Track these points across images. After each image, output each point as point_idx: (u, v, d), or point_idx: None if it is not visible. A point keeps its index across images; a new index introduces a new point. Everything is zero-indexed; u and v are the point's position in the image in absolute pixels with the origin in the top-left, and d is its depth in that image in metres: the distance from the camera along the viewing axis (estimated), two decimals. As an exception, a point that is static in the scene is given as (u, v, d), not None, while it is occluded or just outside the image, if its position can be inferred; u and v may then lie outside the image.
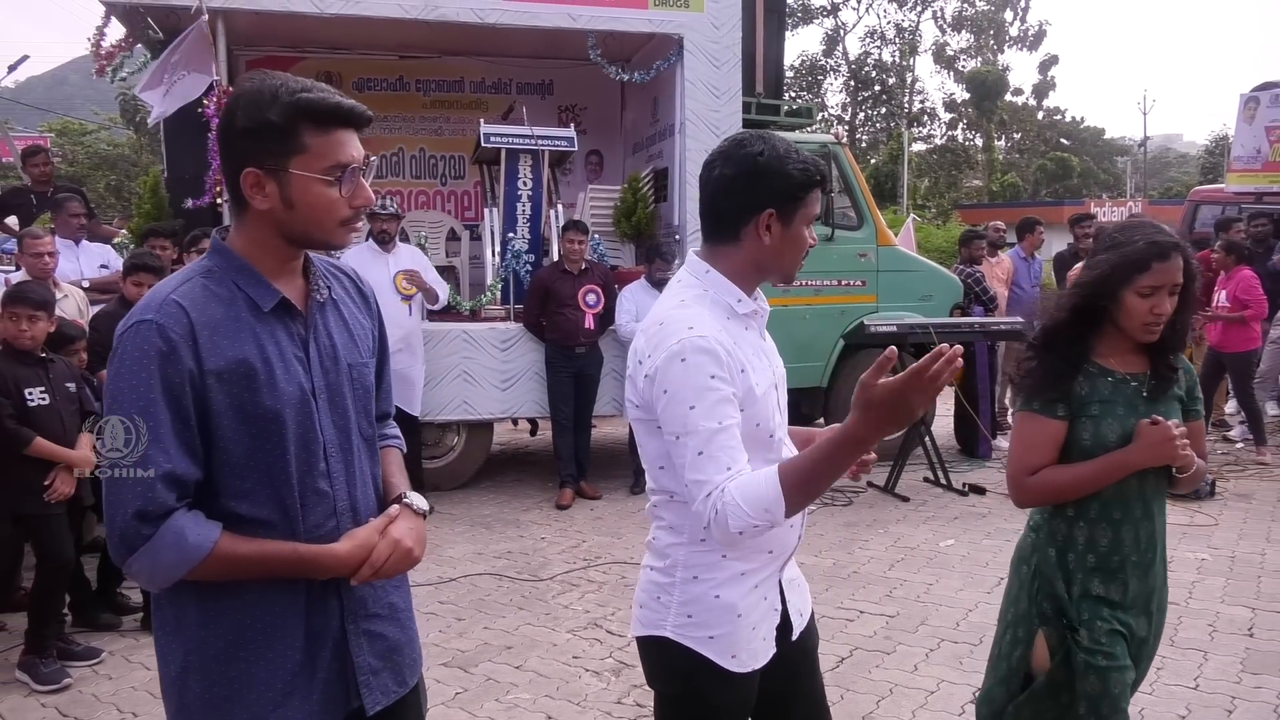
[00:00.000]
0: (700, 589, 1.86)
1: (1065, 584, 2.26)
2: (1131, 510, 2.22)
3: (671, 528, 1.89)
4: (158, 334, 1.51)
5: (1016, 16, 39.60)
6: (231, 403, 1.55)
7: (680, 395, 1.73)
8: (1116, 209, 26.53)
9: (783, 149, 1.81)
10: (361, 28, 7.16)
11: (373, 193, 1.70)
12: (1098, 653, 2.18)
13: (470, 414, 6.93)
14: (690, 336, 1.75)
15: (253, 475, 1.58)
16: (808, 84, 40.22)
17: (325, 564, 1.61)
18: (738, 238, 1.86)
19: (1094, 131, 49.64)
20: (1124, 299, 2.18)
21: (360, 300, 1.83)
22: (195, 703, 1.61)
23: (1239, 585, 4.96)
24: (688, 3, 7.12)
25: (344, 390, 1.70)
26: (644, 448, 1.90)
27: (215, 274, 1.61)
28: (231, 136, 1.59)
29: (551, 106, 9.13)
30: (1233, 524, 6.01)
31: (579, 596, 5.04)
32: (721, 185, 1.84)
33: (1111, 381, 2.24)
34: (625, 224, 7.85)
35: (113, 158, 35.33)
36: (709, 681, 1.87)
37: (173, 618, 1.63)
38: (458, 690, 3.90)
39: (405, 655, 1.79)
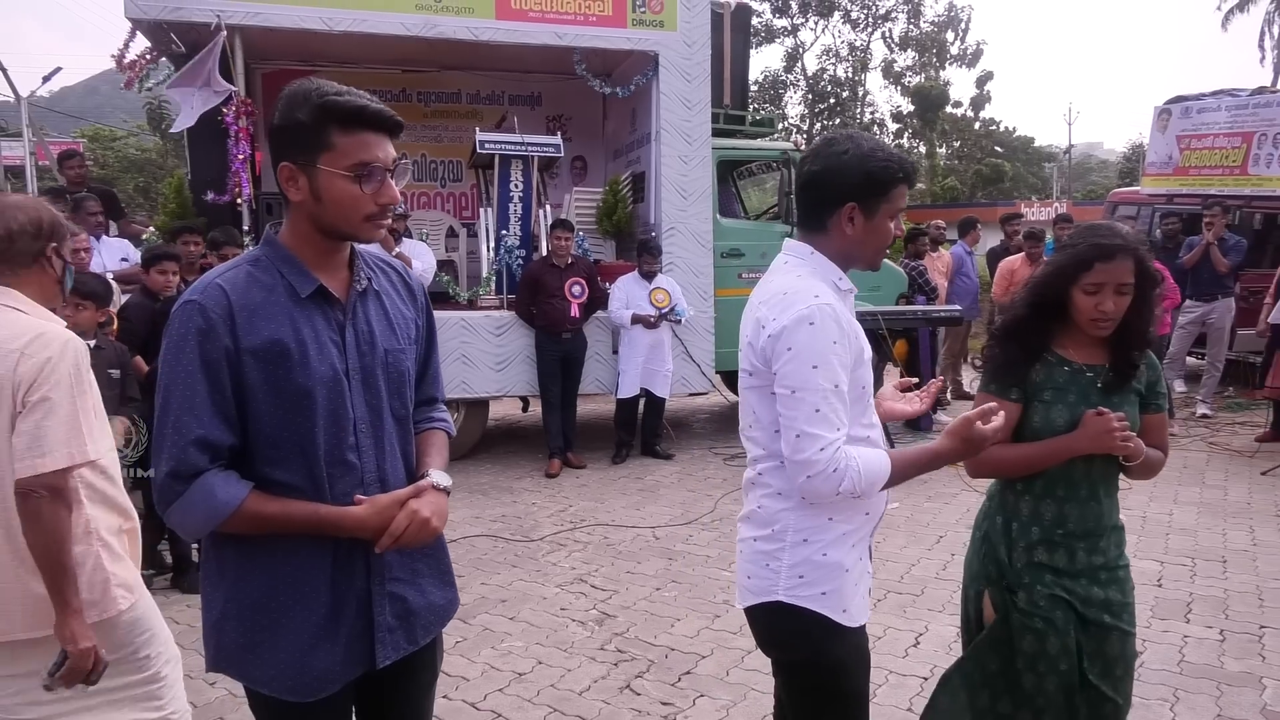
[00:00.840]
0: (809, 550, 1.82)
1: (1008, 551, 2.22)
2: (1076, 490, 2.18)
3: (780, 493, 1.85)
4: (199, 313, 1.54)
5: (957, 37, 39.54)
6: (266, 379, 1.56)
7: (805, 354, 1.72)
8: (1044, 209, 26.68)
9: (867, 147, 1.81)
10: (367, 44, 7.09)
11: (399, 193, 1.68)
12: (1034, 615, 2.15)
13: (468, 393, 6.91)
14: (817, 304, 1.75)
15: (285, 445, 1.59)
16: (770, 97, 40.09)
17: (344, 524, 1.61)
18: (825, 228, 1.85)
19: (1024, 140, 49.77)
20: (1073, 295, 2.13)
21: (406, 292, 1.82)
22: (231, 645, 1.62)
23: (1150, 542, 5.03)
24: (662, 23, 7.10)
25: (377, 373, 1.69)
26: (757, 415, 1.86)
27: (262, 262, 1.63)
28: (273, 133, 1.61)
29: (540, 116, 9.09)
30: (1144, 488, 6.07)
31: (566, 555, 5.05)
32: (809, 180, 1.85)
33: (1068, 371, 2.18)
34: (607, 222, 7.85)
35: (141, 161, 34.85)
36: (825, 636, 1.84)
37: (215, 568, 1.65)
38: (458, 640, 3.90)
39: (421, 618, 1.77)
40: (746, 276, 7.64)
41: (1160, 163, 11.09)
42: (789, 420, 1.74)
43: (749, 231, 7.97)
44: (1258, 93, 10.50)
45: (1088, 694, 2.15)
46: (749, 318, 1.88)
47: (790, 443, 1.74)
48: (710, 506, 5.91)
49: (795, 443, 1.73)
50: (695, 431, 8.47)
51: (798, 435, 1.72)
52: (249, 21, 6.29)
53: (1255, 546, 4.91)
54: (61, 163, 7.70)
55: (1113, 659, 2.15)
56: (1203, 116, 10.59)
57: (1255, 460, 6.72)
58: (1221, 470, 6.52)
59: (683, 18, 7.14)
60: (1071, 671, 2.14)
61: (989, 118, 44.41)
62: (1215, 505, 5.68)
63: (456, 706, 3.33)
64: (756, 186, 9.63)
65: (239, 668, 1.64)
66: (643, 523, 5.61)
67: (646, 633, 3.97)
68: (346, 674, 1.67)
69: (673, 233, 7.29)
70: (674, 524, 5.57)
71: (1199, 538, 5.07)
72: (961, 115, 42.33)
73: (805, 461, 1.71)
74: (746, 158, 8.46)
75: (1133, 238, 2.12)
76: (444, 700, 3.37)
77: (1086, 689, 2.15)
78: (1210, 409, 8.38)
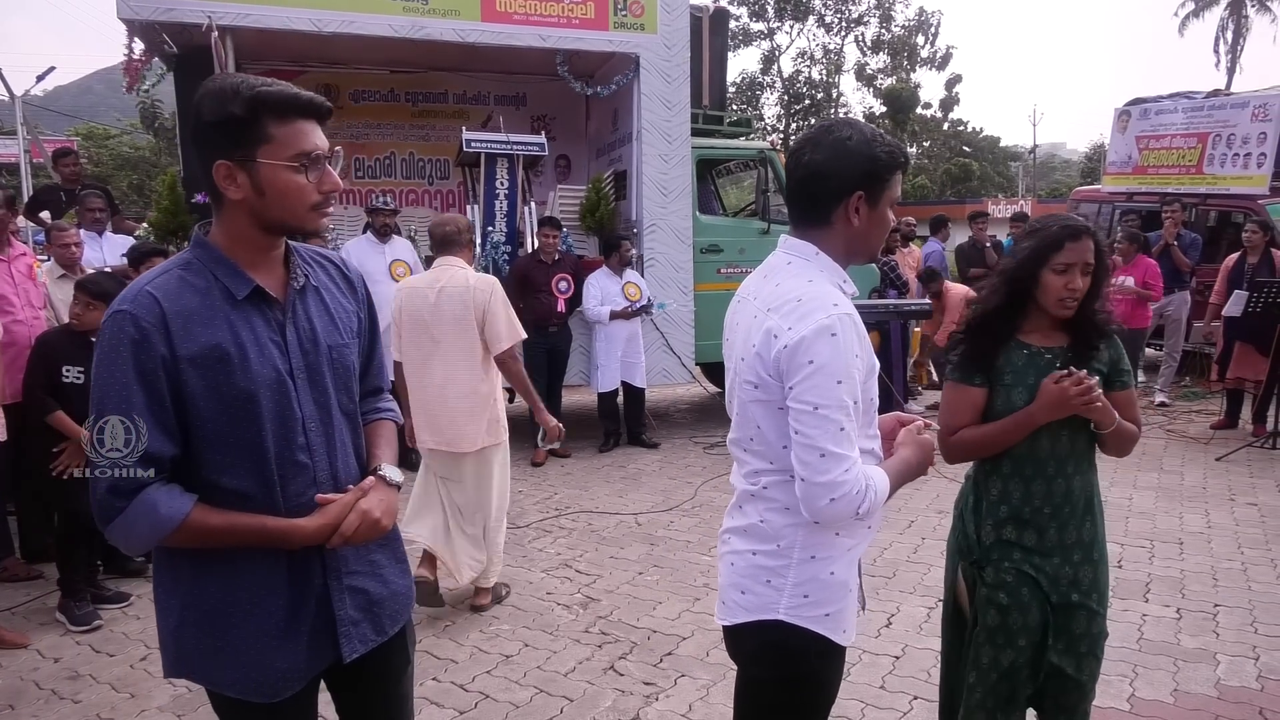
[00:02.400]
0: (816, 568, 1.67)
1: (977, 528, 2.24)
2: (1043, 468, 2.17)
3: (788, 508, 1.67)
4: (130, 323, 1.44)
5: (927, 41, 39.65)
6: (207, 385, 1.48)
7: (829, 369, 1.55)
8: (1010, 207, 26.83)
9: (869, 133, 1.67)
10: (356, 45, 7.03)
11: (340, 180, 1.60)
12: (999, 590, 2.16)
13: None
14: (838, 313, 1.58)
15: (231, 451, 1.51)
16: (747, 98, 40.06)
17: (292, 538, 1.55)
18: (829, 221, 1.68)
19: (991, 140, 50.02)
20: (1043, 277, 2.14)
21: (345, 285, 1.74)
22: (192, 652, 1.57)
23: (1110, 524, 4.98)
24: (643, 26, 7.07)
25: (323, 370, 1.62)
26: (762, 429, 1.67)
27: (194, 266, 1.53)
28: (200, 131, 1.50)
29: (525, 116, 9.04)
30: (1105, 473, 6.07)
31: (551, 541, 5.04)
32: (812, 170, 1.66)
33: (1027, 354, 2.20)
34: (590, 219, 7.82)
35: (134, 159, 34.42)
36: (822, 659, 1.71)
37: (169, 576, 1.58)
38: (446, 624, 3.89)
39: (386, 608, 1.72)
40: (725, 272, 7.64)
41: (1120, 162, 11.17)
42: (810, 439, 1.56)
43: (727, 228, 7.97)
44: (1212, 95, 10.60)
45: (1051, 675, 2.15)
46: (754, 325, 1.67)
47: (811, 463, 1.56)
48: (691, 493, 5.91)
49: (819, 463, 1.55)
50: (676, 421, 8.47)
51: (822, 455, 1.55)
52: (239, 22, 6.21)
53: (1210, 529, 4.97)
54: (56, 161, 7.59)
55: (1077, 636, 2.14)
56: (1160, 118, 10.68)
57: (1210, 447, 6.79)
58: (1178, 456, 6.59)
59: (663, 21, 7.12)
60: (1030, 648, 2.14)
61: (957, 119, 44.64)
62: (1172, 490, 5.74)
63: (445, 688, 3.32)
64: (734, 185, 9.64)
65: (201, 673, 1.59)
66: (625, 509, 5.61)
67: (629, 615, 3.97)
68: (310, 670, 1.63)
69: (654, 229, 7.27)
70: (656, 510, 5.57)
71: (1157, 521, 5.13)
72: (931, 116, 42.49)
73: (831, 483, 1.55)
74: (725, 157, 8.46)
75: (1090, 224, 2.19)
76: (433, 682, 3.36)
77: (1050, 670, 2.15)
78: (1168, 398, 8.46)
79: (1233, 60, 39.30)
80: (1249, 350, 7.02)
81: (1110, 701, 3.13)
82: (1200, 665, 3.39)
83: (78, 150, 8.98)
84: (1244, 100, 9.97)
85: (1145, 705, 3.11)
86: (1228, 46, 39.47)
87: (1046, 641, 2.14)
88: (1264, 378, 6.85)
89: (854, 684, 3.27)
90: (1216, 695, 3.17)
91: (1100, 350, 2.19)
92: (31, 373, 3.94)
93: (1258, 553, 4.57)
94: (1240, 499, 5.49)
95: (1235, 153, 9.72)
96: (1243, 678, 3.29)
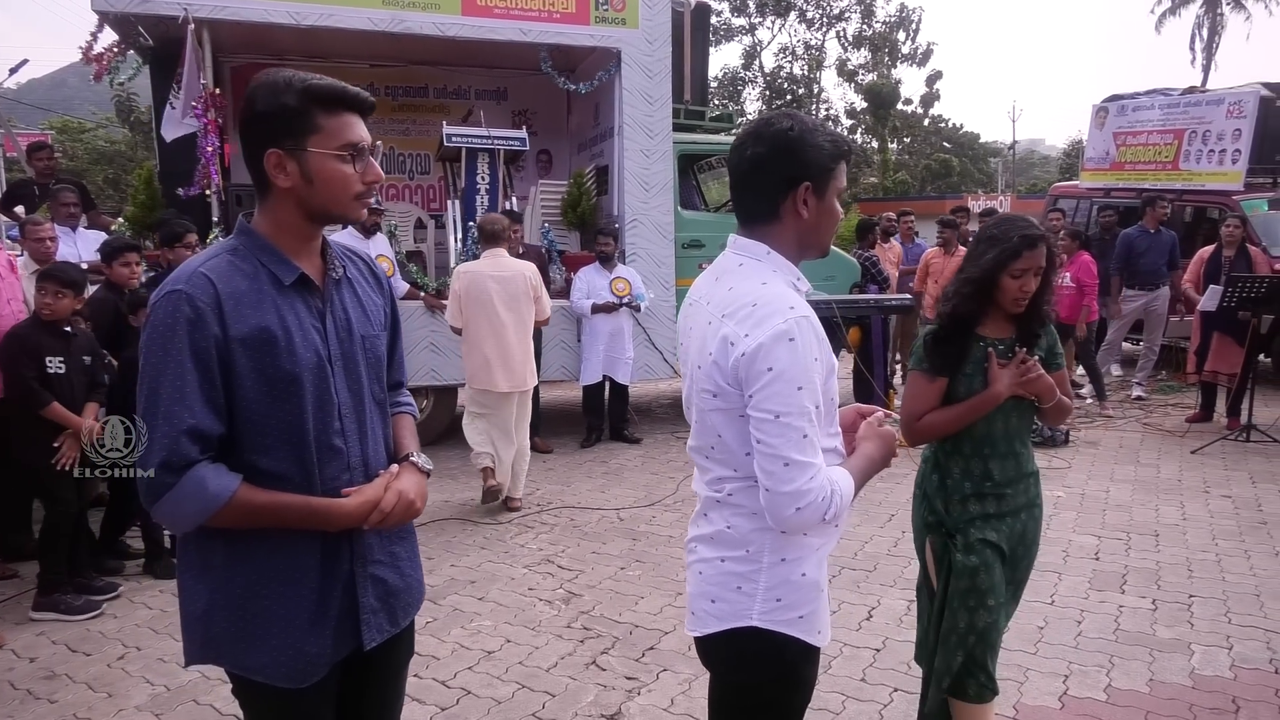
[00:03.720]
0: (787, 570, 1.64)
1: (944, 503, 2.49)
2: (998, 446, 2.45)
3: (754, 513, 1.62)
4: (187, 302, 1.48)
5: (908, 37, 39.83)
6: (254, 366, 1.52)
7: (790, 374, 1.51)
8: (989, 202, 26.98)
9: (810, 123, 1.62)
10: (335, 39, 6.99)
11: (381, 172, 1.67)
12: (971, 554, 2.42)
13: (437, 380, 6.85)
14: (795, 316, 1.53)
15: (273, 432, 1.55)
16: (729, 93, 40.12)
17: (334, 517, 1.58)
18: (778, 215, 1.63)
19: (971, 136, 50.26)
20: (1001, 281, 2.39)
21: (374, 281, 1.81)
22: (221, 636, 1.58)
23: (1087, 517, 5.13)
24: (624, 20, 7.06)
25: (357, 358, 1.67)
26: (723, 437, 1.62)
27: (240, 251, 1.58)
28: (252, 122, 1.56)
29: (506, 111, 9.01)
30: (1083, 467, 6.20)
31: (534, 537, 5.03)
32: (757, 163, 1.61)
33: (981, 346, 2.44)
34: (571, 214, 7.82)
35: (110, 153, 33.96)
36: (799, 661, 1.69)
37: (198, 560, 1.59)
38: (428, 620, 3.87)
39: (401, 600, 1.76)
40: (707, 267, 7.64)
41: (1098, 158, 11.27)
42: (772, 447, 1.52)
43: (709, 223, 7.98)
44: (1188, 92, 10.70)
45: None
46: (709, 332, 1.62)
47: (775, 473, 1.52)
48: (673, 489, 5.92)
49: (783, 472, 1.51)
50: (657, 416, 8.47)
51: (786, 464, 1.51)
52: (216, 15, 6.14)
53: (1185, 521, 5.03)
54: (30, 155, 7.48)
55: (1020, 581, 2.56)
56: (1137, 114, 10.77)
57: (1186, 440, 6.87)
58: (1155, 449, 6.66)
59: (644, 15, 7.11)
60: (998, 607, 2.43)
61: (938, 115, 44.85)
62: (1149, 482, 5.80)
63: (426, 684, 3.31)
64: (716, 180, 9.63)
65: (230, 657, 1.60)
66: (607, 505, 5.61)
67: (611, 610, 3.97)
68: (336, 656, 1.65)
69: (635, 224, 7.27)
70: (638, 506, 5.57)
71: (1133, 513, 5.18)
72: (912, 112, 42.67)
73: (796, 492, 1.51)
74: (706, 152, 8.46)
75: (1044, 228, 2.43)
76: (414, 679, 3.34)
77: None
78: (1145, 391, 8.55)
79: (1208, 57, 39.69)
80: (1225, 344, 7.10)
81: (1087, 692, 3.16)
82: (1175, 655, 3.43)
83: (52, 144, 8.85)
84: (1219, 97, 10.08)
85: (1121, 695, 3.15)
86: (1203, 44, 39.84)
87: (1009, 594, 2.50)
88: (1238, 371, 6.95)
89: (835, 676, 3.29)
90: (1191, 685, 3.21)
91: (1040, 338, 2.49)
92: (16, 365, 3.89)
93: (1231, 544, 4.63)
94: (1215, 491, 5.56)
95: (1211, 149, 9.82)
96: (1216, 667, 3.33)
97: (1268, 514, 5.10)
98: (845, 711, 3.08)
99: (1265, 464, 6.13)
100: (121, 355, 4.42)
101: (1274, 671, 3.30)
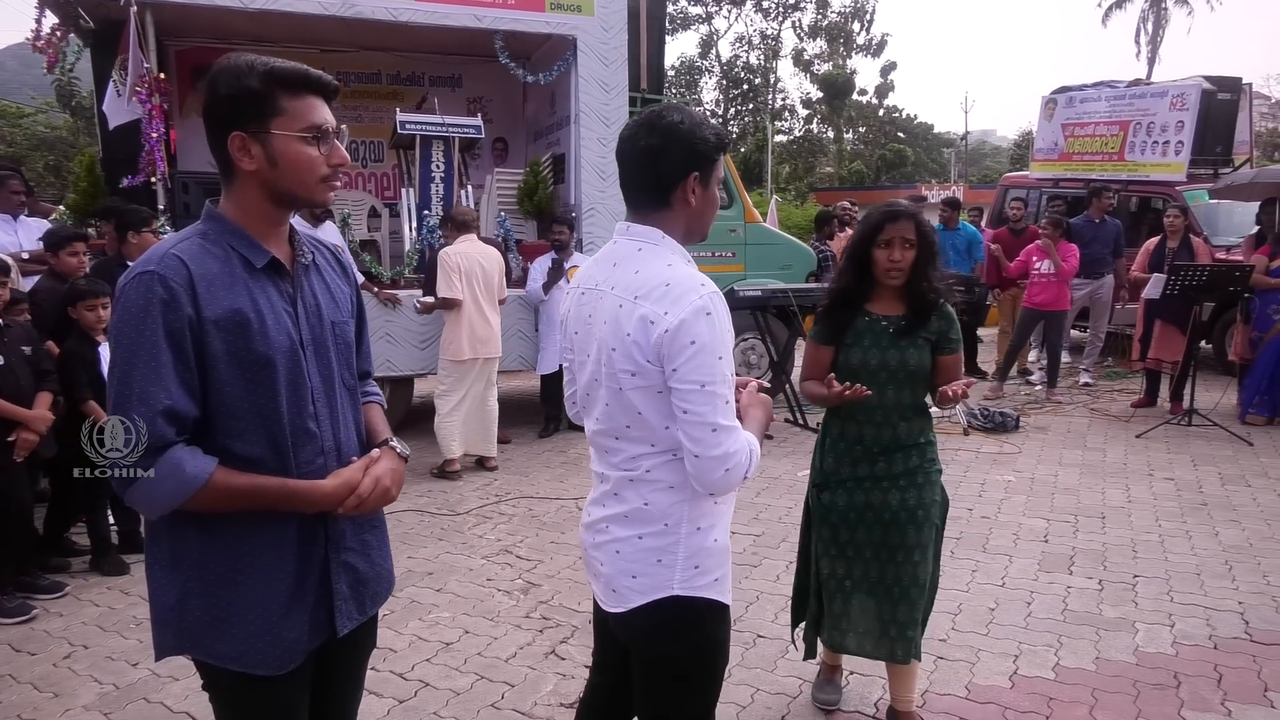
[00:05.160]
0: (702, 538, 1.75)
1: (821, 459, 2.83)
2: (873, 416, 2.69)
3: (672, 487, 1.72)
4: (160, 283, 1.47)
5: (863, 28, 40.14)
6: (228, 349, 1.51)
7: (711, 346, 1.62)
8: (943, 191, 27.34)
9: (698, 116, 1.74)
10: (284, 22, 6.83)
11: (347, 155, 1.66)
12: (832, 510, 2.76)
13: (393, 370, 6.77)
14: (708, 293, 1.65)
15: (247, 416, 1.54)
16: (686, 83, 40.11)
17: (313, 498, 1.58)
18: (668, 203, 1.74)
19: (925, 127, 50.84)
20: (873, 254, 2.65)
21: (339, 269, 1.81)
22: (197, 625, 1.56)
23: (1037, 501, 5.24)
24: (580, 7, 7.01)
25: (328, 343, 1.67)
26: (643, 414, 1.69)
27: (210, 236, 1.57)
28: (216, 106, 1.55)
29: (461, 98, 8.92)
30: (1033, 451, 6.34)
31: (492, 527, 5.01)
32: (649, 154, 1.71)
33: (867, 321, 2.71)
34: (528, 203, 7.75)
35: (50, 139, 32.86)
36: (717, 622, 1.79)
37: (169, 549, 1.56)
38: (385, 612, 3.84)
39: (369, 588, 1.75)
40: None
41: (1047, 149, 11.47)
42: (700, 415, 1.62)
43: (666, 212, 7.98)
44: (1133, 85, 10.94)
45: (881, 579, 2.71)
46: (622, 315, 1.68)
47: (703, 439, 1.63)
48: (631, 477, 5.93)
49: (711, 438, 1.62)
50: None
51: (714, 429, 1.62)
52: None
53: (1130, 503, 5.17)
54: (-35, 140, 7.23)
55: (894, 547, 2.69)
56: (1085, 106, 10.99)
57: (1131, 424, 7.06)
58: (1101, 434, 6.84)
59: (600, 3, 7.05)
60: (860, 562, 2.72)
61: (892, 105, 45.30)
62: (1096, 466, 5.95)
63: (384, 677, 3.29)
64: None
65: (204, 647, 1.57)
66: (566, 494, 5.61)
67: (570, 600, 3.98)
68: (312, 643, 1.65)
69: (592, 213, 7.24)
70: (596, 495, 5.57)
71: (1081, 496, 5.31)
72: (867, 103, 43.07)
73: (724, 455, 1.63)
74: (663, 141, 8.44)
75: (913, 208, 2.68)
76: (372, 672, 3.31)
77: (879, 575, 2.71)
78: (1092, 378, 8.76)
79: (1153, 51, 40.64)
80: (1167, 331, 7.30)
81: (1036, 671, 3.24)
82: (1120, 634, 3.53)
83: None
84: (1163, 90, 10.32)
85: (1069, 673, 3.23)
86: (1148, 37, 40.78)
87: (879, 556, 2.70)
88: (1181, 359, 7.14)
89: (747, 668, 3.31)
90: (1135, 662, 3.30)
91: (931, 321, 2.66)
92: None
93: (1174, 525, 4.77)
94: (1158, 474, 5.72)
95: (1155, 140, 10.07)
96: (1159, 644, 3.44)
97: (1208, 495, 5.26)
98: (753, 704, 3.08)
99: (1206, 447, 6.32)
100: (63, 346, 4.30)
101: (1213, 647, 3.41)
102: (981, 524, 4.84)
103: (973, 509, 5.09)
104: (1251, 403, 7.02)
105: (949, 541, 4.55)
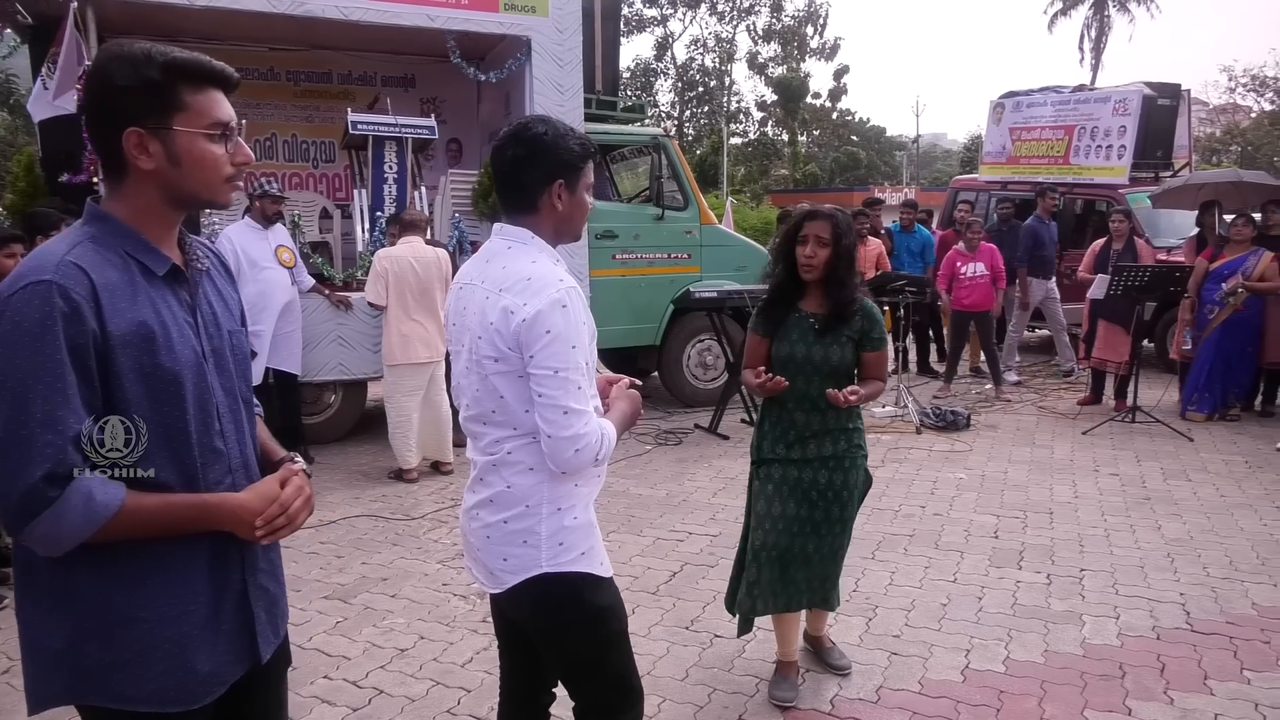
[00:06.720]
0: (563, 518, 1.87)
1: (759, 440, 3.07)
2: (803, 404, 2.94)
3: (531, 469, 1.85)
4: (59, 295, 1.31)
5: (816, 31, 40.56)
6: (133, 365, 1.37)
7: (565, 335, 1.75)
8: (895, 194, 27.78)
9: (562, 129, 1.85)
10: (231, 20, 6.70)
11: (251, 152, 1.56)
12: (766, 485, 3.01)
13: (346, 374, 6.68)
14: (566, 287, 1.78)
15: (152, 437, 1.39)
16: (641, 84, 40.18)
17: (232, 510, 1.46)
18: (536, 207, 1.86)
19: (877, 130, 51.57)
20: (795, 251, 2.88)
21: (226, 274, 1.70)
22: (97, 667, 1.40)
23: (987, 498, 5.34)
24: (534, 8, 6.98)
25: (227, 354, 1.56)
26: (505, 399, 1.82)
27: (101, 240, 1.42)
28: (107, 98, 1.41)
29: (414, 98, 8.82)
30: (983, 449, 6.46)
31: (447, 531, 4.96)
32: (517, 163, 1.84)
33: (797, 317, 2.96)
34: (483, 204, 7.68)
35: (-13, 138, 31.93)
36: (594, 591, 1.91)
37: (54, 587, 1.40)
38: (338, 620, 3.79)
39: (279, 608, 1.67)
40: (620, 258, 7.67)
41: (995, 152, 11.70)
42: (553, 399, 1.76)
43: (622, 214, 7.99)
44: (1078, 90, 11.22)
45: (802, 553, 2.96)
46: (487, 306, 1.81)
47: (556, 420, 1.76)
48: (588, 479, 5.91)
49: (563, 420, 1.76)
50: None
51: (565, 412, 1.76)
52: (102, -8, 5.83)
53: (1077, 499, 5.29)
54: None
55: (819, 521, 2.95)
56: (1031, 110, 11.23)
57: (1077, 422, 7.23)
58: (1049, 431, 6.99)
59: (554, 4, 7.03)
60: (788, 535, 2.94)
61: (845, 108, 45.84)
62: (1044, 463, 6.08)
63: (337, 685, 3.24)
64: (629, 170, 9.64)
65: (106, 690, 1.41)
66: (523, 497, 5.56)
67: (527, 603, 3.95)
68: (233, 673, 1.54)
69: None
70: (553, 497, 5.55)
71: (1029, 492, 5.42)
72: (821, 106, 43.51)
73: (575, 436, 1.76)
74: (619, 143, 8.46)
75: (832, 210, 2.90)
76: (325, 680, 3.27)
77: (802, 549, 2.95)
78: (1017, 374, 8.90)
79: (1097, 57, 41.68)
80: (1111, 331, 7.48)
81: (986, 664, 3.30)
82: (1068, 626, 3.61)
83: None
84: (1106, 95, 10.59)
85: (1019, 666, 3.30)
86: (1092, 44, 41.83)
87: (804, 530, 2.94)
88: (1125, 359, 7.33)
89: (657, 678, 3.28)
90: (1083, 654, 3.38)
91: (854, 320, 2.89)
92: None
93: (1119, 519, 4.89)
94: (1104, 470, 5.86)
95: (1098, 144, 10.32)
96: (1105, 636, 3.52)
97: (1151, 490, 5.40)
98: (710, 704, 3.09)
99: (1149, 443, 6.50)
100: None
101: (1156, 638, 3.50)
102: (934, 521, 4.92)
103: (925, 506, 5.17)
104: (1191, 399, 7.25)
105: (901, 539, 4.64)
